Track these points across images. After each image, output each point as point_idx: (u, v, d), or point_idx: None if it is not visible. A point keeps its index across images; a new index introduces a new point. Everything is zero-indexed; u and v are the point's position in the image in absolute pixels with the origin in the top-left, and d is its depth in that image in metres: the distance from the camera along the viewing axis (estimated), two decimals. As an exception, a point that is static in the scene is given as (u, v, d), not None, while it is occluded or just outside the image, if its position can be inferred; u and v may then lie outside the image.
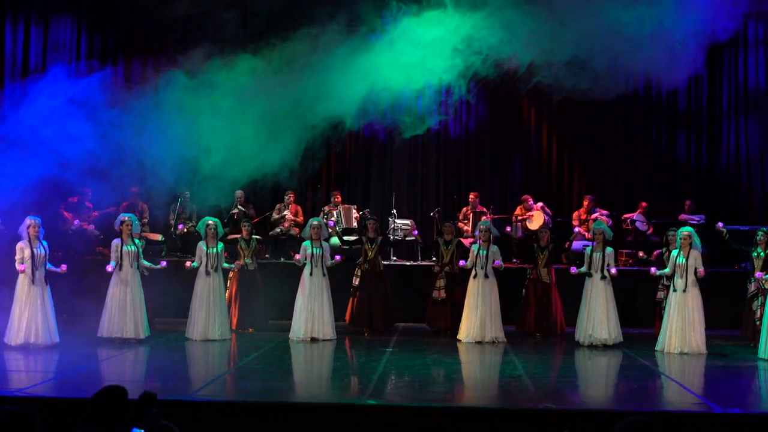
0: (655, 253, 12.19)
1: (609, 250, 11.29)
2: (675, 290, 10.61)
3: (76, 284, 11.59)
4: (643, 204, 14.83)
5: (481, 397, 8.42)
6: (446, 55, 12.08)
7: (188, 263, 11.35)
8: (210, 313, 11.13)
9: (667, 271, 10.94)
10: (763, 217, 14.83)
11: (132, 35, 15.24)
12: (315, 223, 11.63)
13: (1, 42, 15.19)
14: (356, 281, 12.02)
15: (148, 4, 13.08)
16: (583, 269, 11.24)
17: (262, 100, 11.89)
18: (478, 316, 11.28)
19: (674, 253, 10.78)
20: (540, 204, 14.60)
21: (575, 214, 14.91)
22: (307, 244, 11.49)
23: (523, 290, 12.13)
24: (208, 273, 11.19)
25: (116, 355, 9.92)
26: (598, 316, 11.01)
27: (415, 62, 12.29)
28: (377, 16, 12.26)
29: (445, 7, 11.89)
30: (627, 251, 14.14)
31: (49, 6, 15.45)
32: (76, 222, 12.01)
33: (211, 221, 11.41)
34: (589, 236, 14.13)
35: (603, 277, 11.09)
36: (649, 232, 14.55)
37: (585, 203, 14.82)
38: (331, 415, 7.14)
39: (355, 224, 14.49)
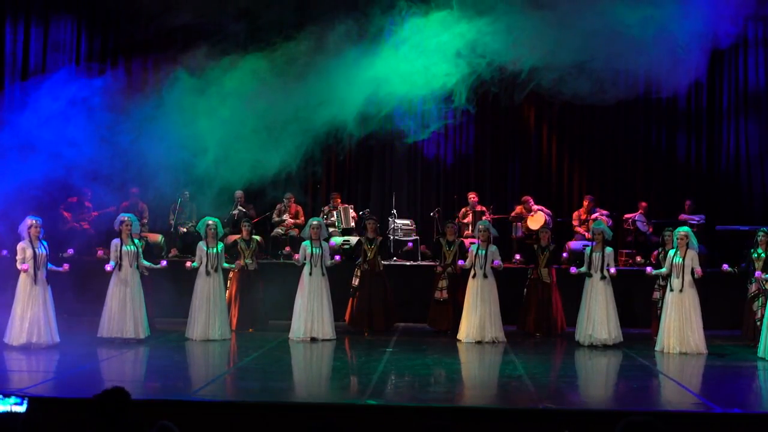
0: (654, 254, 12.20)
1: (609, 250, 11.29)
2: (672, 290, 10.62)
3: (76, 284, 11.59)
4: (643, 204, 14.83)
5: (481, 397, 8.42)
6: (450, 59, 12.06)
7: (188, 263, 11.35)
8: (210, 313, 11.13)
9: (663, 270, 10.95)
10: (763, 217, 14.83)
11: (133, 37, 15.23)
12: (315, 223, 11.62)
13: (1, 42, 15.19)
14: (356, 281, 12.02)
15: (149, 12, 13.02)
16: (583, 269, 11.24)
17: (264, 103, 11.87)
18: (477, 316, 11.28)
19: (671, 253, 10.78)
20: (537, 207, 14.63)
21: (575, 214, 14.92)
22: (306, 244, 11.49)
23: (524, 290, 12.13)
24: (208, 273, 11.18)
25: (116, 355, 9.92)
26: (598, 316, 11.00)
27: (419, 67, 12.27)
28: (387, 15, 12.23)
29: (452, 8, 11.86)
30: (627, 251, 14.14)
31: (49, 6, 15.43)
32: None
33: (211, 221, 11.40)
34: (589, 236, 14.16)
35: (603, 278, 11.09)
36: (650, 232, 14.55)
37: (585, 203, 14.82)
38: (331, 415, 7.14)
39: (353, 224, 14.50)
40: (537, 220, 14.25)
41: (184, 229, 14.10)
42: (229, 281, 11.94)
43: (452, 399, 8.14)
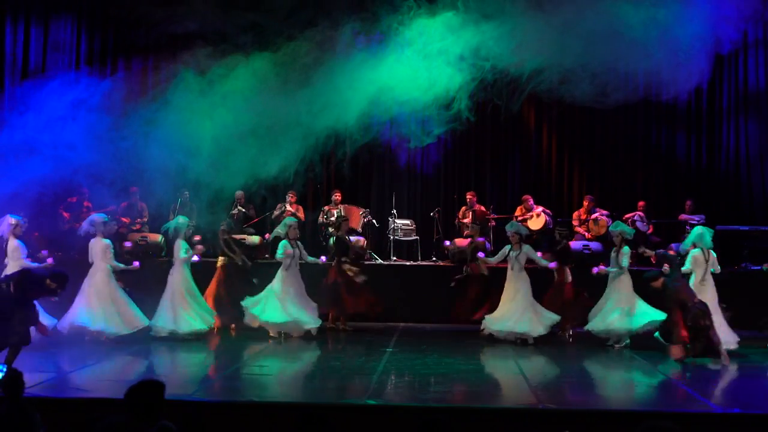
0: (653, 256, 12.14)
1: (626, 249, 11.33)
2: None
3: (73, 285, 11.54)
4: (641, 203, 14.79)
5: (481, 397, 8.42)
6: (454, 63, 12.05)
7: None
8: (178, 305, 11.13)
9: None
10: (763, 217, 14.83)
11: (134, 40, 15.20)
12: (291, 222, 11.84)
13: (1, 42, 15.18)
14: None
15: (152, 19, 12.92)
16: (612, 269, 11.24)
17: (267, 106, 11.84)
18: (521, 312, 11.31)
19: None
20: (540, 208, 14.61)
21: (575, 214, 14.92)
22: (286, 243, 11.60)
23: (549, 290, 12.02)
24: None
25: (116, 355, 9.92)
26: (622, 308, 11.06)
27: (422, 71, 12.25)
28: (395, 15, 12.21)
29: (457, 9, 11.84)
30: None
31: (49, 6, 15.42)
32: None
33: (182, 219, 11.57)
34: (589, 236, 14.12)
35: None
36: (649, 231, 14.55)
37: (585, 203, 14.82)
38: (331, 415, 7.13)
39: (358, 226, 14.45)
40: (538, 221, 14.21)
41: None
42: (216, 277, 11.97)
43: (452, 399, 8.14)
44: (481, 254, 12.21)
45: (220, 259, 11.96)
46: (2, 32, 15.18)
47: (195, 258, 11.40)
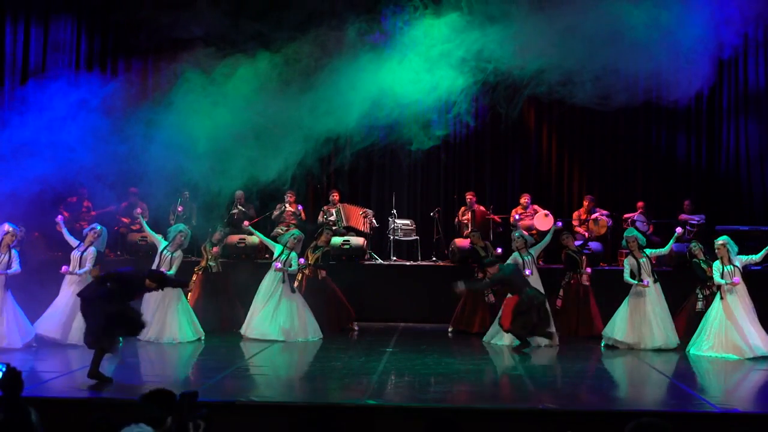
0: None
1: (648, 252, 11.28)
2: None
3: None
4: (641, 203, 14.79)
5: (481, 397, 8.42)
6: (455, 65, 12.04)
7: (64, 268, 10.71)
8: (165, 315, 11.00)
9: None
10: (763, 217, 14.82)
11: (135, 40, 15.18)
12: (298, 236, 11.69)
13: (1, 42, 15.18)
14: (295, 284, 12.00)
15: (156, 23, 12.89)
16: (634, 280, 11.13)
17: (269, 108, 11.83)
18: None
19: (717, 264, 10.65)
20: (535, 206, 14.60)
21: (575, 214, 14.91)
22: (281, 249, 11.51)
23: (561, 292, 11.98)
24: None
25: (115, 355, 9.91)
26: (655, 320, 10.92)
27: (425, 74, 12.24)
28: (401, 15, 12.19)
29: (461, 10, 11.82)
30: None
31: (49, 6, 15.42)
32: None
33: (185, 230, 11.38)
34: (589, 236, 14.11)
35: (656, 281, 11.09)
36: (649, 231, 14.54)
37: (585, 203, 14.81)
38: (331, 415, 7.13)
39: (362, 227, 14.41)
40: (546, 221, 14.10)
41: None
42: (192, 284, 11.90)
43: (452, 399, 8.14)
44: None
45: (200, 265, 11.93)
46: (2, 32, 15.17)
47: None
